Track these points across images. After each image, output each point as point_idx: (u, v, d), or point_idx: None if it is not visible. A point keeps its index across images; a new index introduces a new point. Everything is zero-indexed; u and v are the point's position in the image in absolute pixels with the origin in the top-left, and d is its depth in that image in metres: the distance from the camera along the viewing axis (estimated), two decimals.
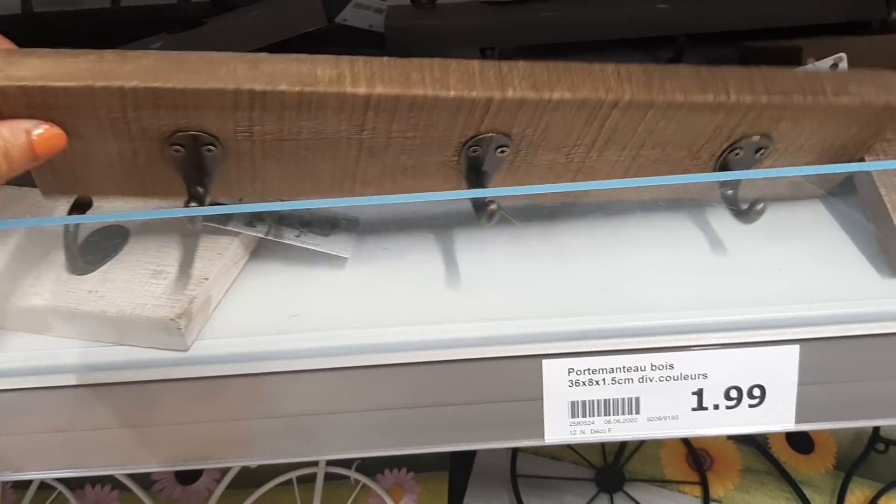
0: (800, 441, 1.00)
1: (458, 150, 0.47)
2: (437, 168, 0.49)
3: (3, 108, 0.40)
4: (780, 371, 0.48)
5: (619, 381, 0.48)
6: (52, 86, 0.40)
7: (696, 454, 0.99)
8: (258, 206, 0.50)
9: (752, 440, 1.01)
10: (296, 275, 0.54)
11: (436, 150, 0.47)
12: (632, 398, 0.49)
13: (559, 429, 0.49)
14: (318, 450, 0.51)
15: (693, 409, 0.49)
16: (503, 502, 0.95)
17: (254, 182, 0.49)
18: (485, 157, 0.47)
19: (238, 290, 0.53)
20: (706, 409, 0.49)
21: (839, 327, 0.47)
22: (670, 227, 0.56)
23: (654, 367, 0.48)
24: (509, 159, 0.48)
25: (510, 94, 0.44)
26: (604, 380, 0.48)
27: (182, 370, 0.48)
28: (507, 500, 0.95)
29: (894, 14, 0.66)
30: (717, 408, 0.49)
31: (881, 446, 0.98)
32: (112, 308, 0.48)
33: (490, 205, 0.46)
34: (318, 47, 0.70)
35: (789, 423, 0.50)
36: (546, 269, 0.53)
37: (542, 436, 0.50)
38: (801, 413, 0.49)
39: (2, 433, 0.50)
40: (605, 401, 0.49)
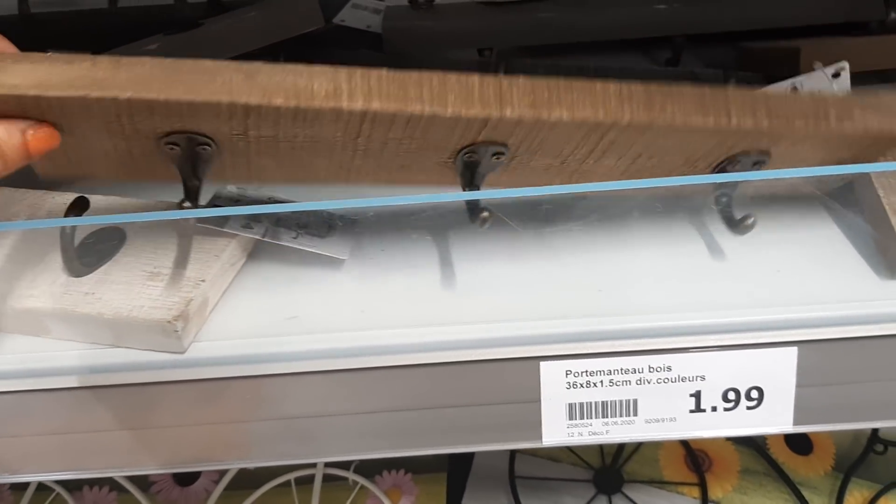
0: (798, 442, 1.00)
1: (454, 153, 0.47)
2: (433, 166, 0.49)
3: None
4: (778, 373, 0.48)
5: (617, 383, 0.48)
6: (46, 95, 0.40)
7: (694, 455, 0.99)
8: (255, 208, 0.50)
9: (750, 441, 1.01)
10: (293, 276, 0.54)
11: (432, 154, 0.47)
12: (629, 400, 0.48)
13: (557, 431, 0.49)
14: (316, 452, 0.51)
15: (691, 411, 0.49)
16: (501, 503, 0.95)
17: (249, 172, 0.49)
18: (480, 161, 0.47)
19: (235, 291, 0.53)
20: (704, 411, 0.49)
21: (837, 329, 0.47)
22: (668, 229, 0.56)
23: (651, 369, 0.48)
24: (505, 162, 0.48)
25: (508, 112, 0.43)
26: (601, 382, 0.48)
27: (179, 372, 0.48)
28: (506, 501, 0.95)
29: (892, 15, 0.66)
30: (714, 410, 0.49)
31: (880, 447, 0.98)
32: (109, 310, 0.48)
33: (483, 212, 0.46)
34: (316, 48, 0.70)
35: (787, 425, 0.49)
36: (543, 270, 0.53)
37: (540, 438, 0.50)
38: (800, 415, 0.49)
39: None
40: (603, 403, 0.48)
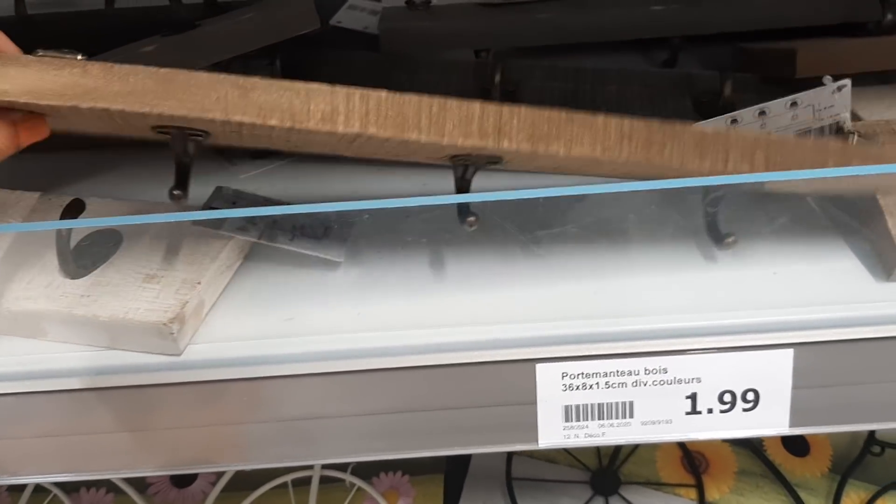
0: (795, 444, 1.00)
1: (450, 157, 0.47)
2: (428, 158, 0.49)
3: None
4: (775, 375, 0.48)
5: (613, 386, 0.48)
6: (38, 103, 0.40)
7: (691, 457, 0.99)
8: (252, 210, 0.50)
9: (747, 443, 1.01)
10: (289, 279, 0.54)
11: (426, 158, 0.47)
12: (626, 402, 0.48)
13: (553, 433, 0.49)
14: (313, 454, 0.51)
15: (687, 413, 0.49)
16: None
17: (241, 143, 0.49)
18: (475, 165, 0.47)
19: (231, 294, 0.53)
20: (700, 413, 0.49)
21: (833, 331, 0.47)
22: (664, 230, 0.56)
23: (647, 372, 0.48)
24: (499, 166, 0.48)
25: (505, 145, 0.43)
26: (597, 384, 0.48)
27: (175, 374, 0.48)
28: (503, 502, 0.95)
29: (889, 16, 0.66)
30: (710, 412, 0.49)
31: (877, 449, 0.98)
32: (105, 312, 0.48)
33: (470, 216, 0.46)
34: (312, 50, 0.70)
35: (783, 427, 0.50)
36: (540, 272, 0.53)
37: (536, 440, 0.50)
38: (796, 417, 0.49)
39: None
40: (599, 405, 0.49)
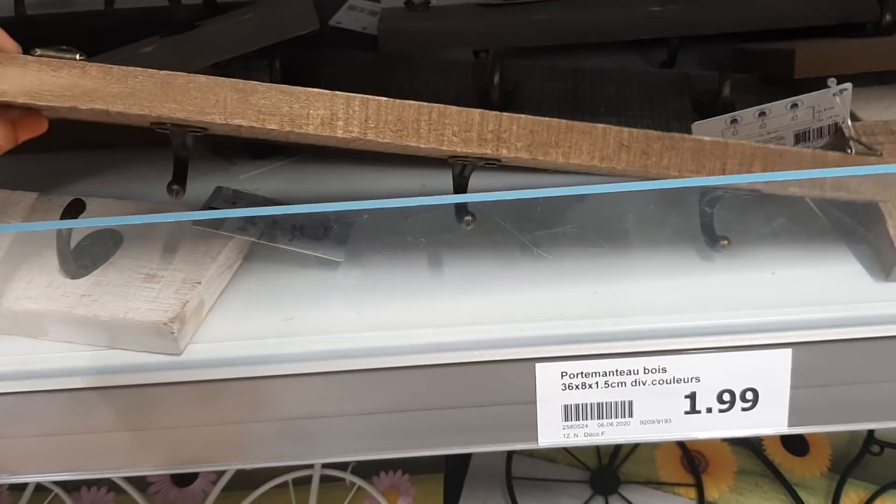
0: (795, 443, 1.00)
1: (448, 157, 0.47)
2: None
3: None
4: (773, 374, 0.48)
5: (612, 385, 0.48)
6: (36, 104, 0.40)
7: (690, 456, 0.99)
8: (252, 210, 0.50)
9: (746, 442, 1.01)
10: (289, 278, 0.54)
11: (425, 154, 0.47)
12: (625, 402, 0.49)
13: (552, 432, 0.49)
14: (314, 453, 0.51)
15: (686, 413, 0.49)
16: None
17: (239, 135, 0.48)
18: (473, 164, 0.47)
19: (231, 293, 0.53)
20: (699, 412, 0.49)
21: (832, 331, 0.48)
22: (663, 230, 0.56)
23: (646, 371, 0.48)
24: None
25: (504, 152, 0.43)
26: (597, 383, 0.48)
27: (175, 374, 0.48)
28: (503, 502, 0.95)
29: (887, 17, 0.66)
30: (709, 411, 0.49)
31: (876, 448, 0.98)
32: (105, 312, 0.48)
33: (467, 215, 0.46)
34: (312, 50, 0.70)
35: (782, 427, 0.50)
36: (539, 272, 0.53)
37: (536, 439, 0.50)
38: (794, 416, 0.49)
39: None
40: (599, 404, 0.49)
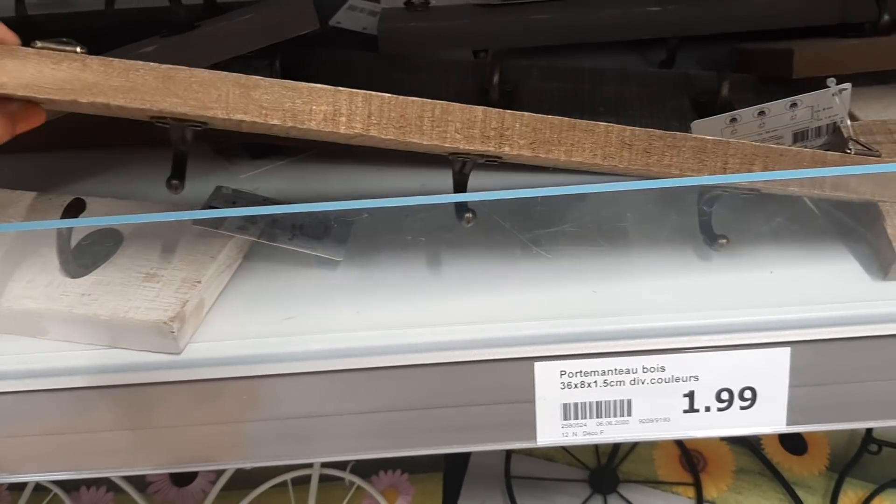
0: (793, 442, 1.00)
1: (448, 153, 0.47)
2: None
3: None
4: (772, 373, 0.48)
5: (611, 384, 0.48)
6: (36, 97, 0.40)
7: (689, 455, 0.99)
8: (251, 209, 0.50)
9: (745, 441, 1.01)
10: (289, 278, 0.54)
11: (426, 151, 0.47)
12: (623, 400, 0.49)
13: (551, 431, 0.50)
14: (313, 452, 0.52)
15: (685, 412, 0.49)
16: (497, 503, 0.96)
17: (239, 129, 0.48)
18: (473, 161, 0.47)
19: (231, 293, 0.54)
20: (698, 411, 0.49)
21: (830, 330, 0.48)
22: (662, 229, 0.56)
23: (645, 370, 0.48)
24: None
25: (507, 150, 0.43)
26: (595, 382, 0.48)
27: (175, 373, 0.48)
28: (502, 501, 0.95)
29: (885, 17, 0.66)
30: (708, 410, 0.49)
31: (874, 447, 0.99)
32: (105, 311, 0.48)
33: (468, 212, 0.46)
34: (312, 50, 0.70)
35: (780, 425, 0.50)
36: (538, 271, 0.53)
37: (535, 438, 0.50)
38: (793, 415, 0.49)
39: None
40: (597, 403, 0.49)
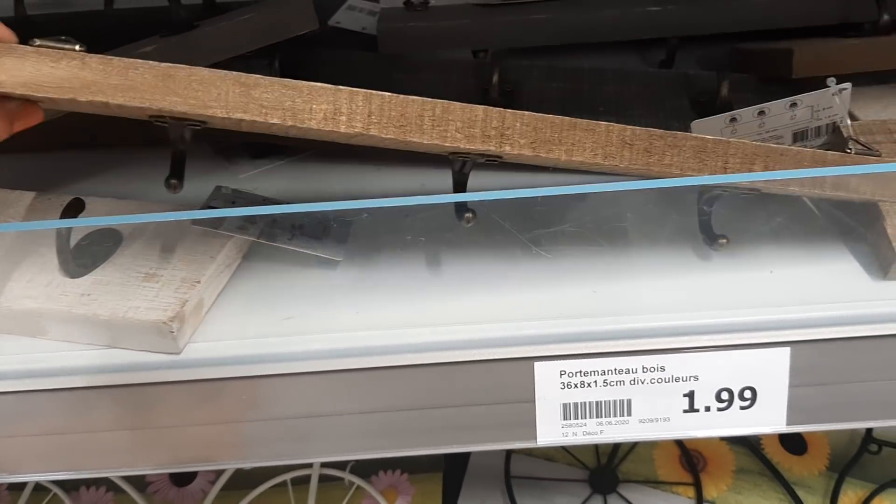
0: (793, 442, 1.00)
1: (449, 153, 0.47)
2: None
3: None
4: (772, 373, 0.48)
5: (611, 384, 0.48)
6: (35, 95, 0.40)
7: (689, 455, 0.99)
8: (251, 209, 0.50)
9: (745, 441, 1.01)
10: (288, 278, 0.54)
11: (426, 150, 0.47)
12: (623, 400, 0.49)
13: (551, 431, 0.50)
14: (313, 452, 0.51)
15: (684, 411, 0.49)
16: (497, 503, 0.96)
17: (239, 129, 0.48)
18: (473, 161, 0.47)
19: (230, 293, 0.54)
20: (697, 411, 0.49)
21: (830, 329, 0.48)
22: (662, 229, 0.56)
23: (645, 370, 0.48)
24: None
25: (507, 149, 0.43)
26: (595, 382, 0.48)
27: (175, 373, 0.48)
28: (501, 501, 0.95)
29: (885, 16, 0.66)
30: (708, 410, 0.49)
31: (874, 447, 0.99)
32: (105, 311, 0.48)
33: (468, 212, 0.46)
34: (311, 50, 0.70)
35: (780, 425, 0.50)
36: (538, 271, 0.53)
37: (535, 438, 0.50)
38: (793, 415, 0.49)
39: None
40: (597, 403, 0.49)
